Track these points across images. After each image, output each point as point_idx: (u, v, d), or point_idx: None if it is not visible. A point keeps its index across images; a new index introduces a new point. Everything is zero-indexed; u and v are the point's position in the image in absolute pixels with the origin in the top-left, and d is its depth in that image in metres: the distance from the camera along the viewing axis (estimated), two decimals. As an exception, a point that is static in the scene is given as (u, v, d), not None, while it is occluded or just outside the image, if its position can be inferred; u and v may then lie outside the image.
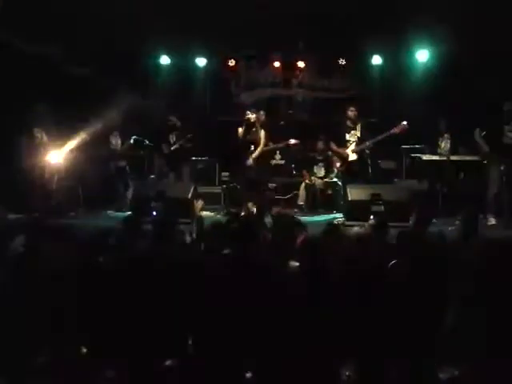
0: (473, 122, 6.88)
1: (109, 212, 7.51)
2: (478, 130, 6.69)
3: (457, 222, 4.28)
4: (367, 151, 7.00)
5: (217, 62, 9.82)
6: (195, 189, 6.91)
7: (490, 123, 6.67)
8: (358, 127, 7.09)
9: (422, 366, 2.84)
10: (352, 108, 7.16)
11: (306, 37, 9.16)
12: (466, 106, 7.83)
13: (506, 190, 6.51)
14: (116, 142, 8.05)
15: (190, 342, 2.99)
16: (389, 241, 3.94)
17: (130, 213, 6.37)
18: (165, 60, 9.75)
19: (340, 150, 7.20)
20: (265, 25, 8.20)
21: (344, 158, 7.15)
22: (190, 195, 6.66)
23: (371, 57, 9.54)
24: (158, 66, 9.75)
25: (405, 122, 6.78)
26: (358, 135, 7.05)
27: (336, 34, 8.50)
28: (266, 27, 8.29)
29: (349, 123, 7.15)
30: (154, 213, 6.45)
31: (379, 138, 6.88)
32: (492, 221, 6.42)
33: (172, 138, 8.15)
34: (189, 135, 7.99)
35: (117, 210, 7.51)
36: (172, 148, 8.04)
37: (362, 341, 2.83)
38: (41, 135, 7.21)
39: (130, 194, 7.67)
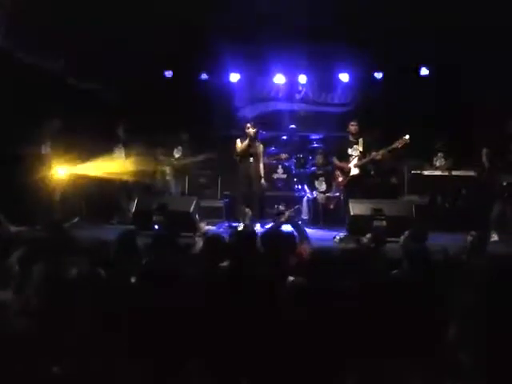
0: (475, 138, 6.92)
1: (111, 223, 7.52)
2: (484, 149, 6.72)
3: (469, 238, 4.29)
4: (370, 166, 7.03)
5: (220, 76, 9.87)
6: (197, 203, 6.92)
7: (494, 141, 6.71)
8: (360, 142, 7.13)
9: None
10: (353, 123, 7.21)
11: (307, 51, 9.23)
12: (467, 121, 7.86)
13: (509, 206, 6.51)
14: (120, 154, 8.05)
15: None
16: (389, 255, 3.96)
17: (130, 226, 6.39)
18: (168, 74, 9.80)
19: (342, 165, 7.22)
20: (268, 39, 8.28)
21: (346, 173, 7.17)
22: (191, 209, 6.66)
23: (373, 72, 9.59)
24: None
25: (407, 137, 6.83)
26: (361, 150, 7.09)
27: (338, 48, 8.57)
28: (270, 41, 8.37)
29: (351, 138, 7.20)
30: (156, 226, 6.46)
31: (381, 152, 6.92)
32: (495, 237, 6.41)
33: (178, 152, 8.21)
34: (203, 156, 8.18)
35: (118, 223, 7.51)
36: (178, 162, 8.15)
37: (363, 355, 2.82)
38: (45, 148, 7.24)
39: (132, 206, 7.68)
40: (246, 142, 7.13)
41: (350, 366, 2.85)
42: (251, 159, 7.16)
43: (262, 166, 7.30)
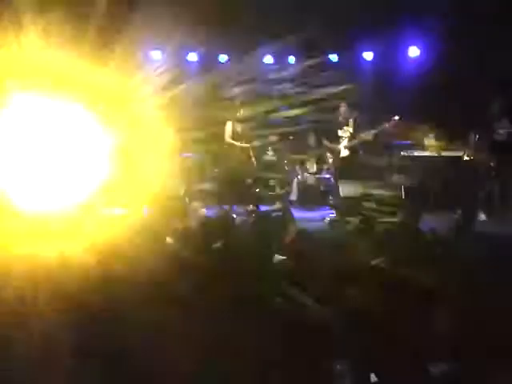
0: (462, 120, 6.93)
1: None
2: (472, 133, 6.74)
3: (455, 216, 4.32)
4: (360, 147, 7.03)
5: (208, 57, 9.76)
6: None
7: (481, 121, 6.72)
8: (350, 123, 7.11)
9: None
10: (343, 104, 7.18)
11: (297, 33, 9.14)
12: (455, 103, 7.85)
13: (496, 186, 6.56)
14: None
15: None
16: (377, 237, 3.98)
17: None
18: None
19: (332, 146, 7.22)
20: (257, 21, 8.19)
21: (336, 154, 7.17)
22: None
23: (363, 52, 9.54)
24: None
25: (396, 117, 6.83)
26: (351, 131, 7.08)
27: (328, 29, 8.49)
28: (258, 23, 8.28)
29: (340, 119, 7.17)
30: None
31: (371, 132, 6.92)
32: (482, 217, 6.48)
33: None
34: None
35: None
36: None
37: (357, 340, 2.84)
38: None
39: None
40: (237, 124, 7.11)
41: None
42: (242, 141, 7.15)
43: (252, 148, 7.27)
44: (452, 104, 7.86)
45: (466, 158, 6.95)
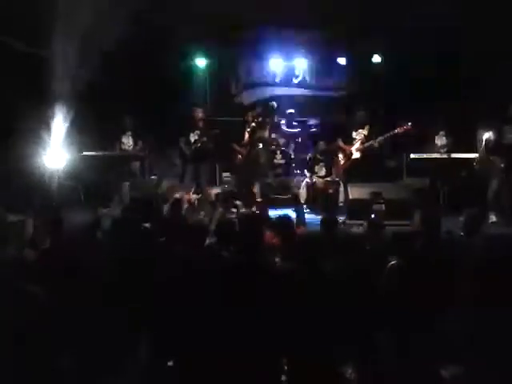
0: (472, 121, 6.90)
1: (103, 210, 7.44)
2: (481, 132, 6.71)
3: (461, 219, 4.29)
4: (375, 148, 7.02)
5: (216, 62, 9.80)
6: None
7: (491, 123, 6.70)
8: (367, 127, 7.14)
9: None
10: (362, 112, 7.20)
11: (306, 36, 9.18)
12: (467, 104, 7.83)
13: (506, 187, 6.52)
14: (128, 142, 7.88)
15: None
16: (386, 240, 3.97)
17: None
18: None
19: (345, 147, 7.25)
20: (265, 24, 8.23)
21: (348, 156, 7.19)
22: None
23: (371, 55, 9.53)
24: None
25: (409, 123, 6.85)
26: (365, 133, 7.11)
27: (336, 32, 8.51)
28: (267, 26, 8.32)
29: (356, 121, 7.22)
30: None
31: (384, 136, 6.94)
32: (493, 218, 6.44)
33: (194, 136, 7.78)
34: (216, 130, 7.71)
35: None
36: (194, 147, 7.71)
37: (360, 340, 2.85)
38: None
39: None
40: (249, 129, 7.21)
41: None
42: (260, 146, 7.22)
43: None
44: (462, 105, 7.85)
45: (476, 159, 6.92)
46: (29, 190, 6.82)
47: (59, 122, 7.24)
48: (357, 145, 7.11)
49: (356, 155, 7.11)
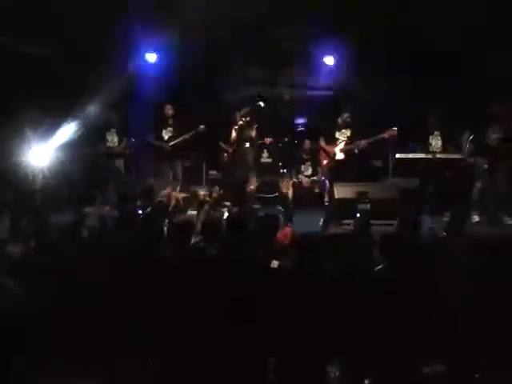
0: (459, 121, 6.96)
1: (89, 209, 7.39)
2: (466, 133, 6.77)
3: (444, 219, 4.33)
4: (355, 151, 7.03)
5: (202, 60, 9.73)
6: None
7: (475, 124, 6.77)
8: (350, 128, 7.13)
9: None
10: (347, 114, 7.17)
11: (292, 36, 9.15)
12: (453, 104, 7.88)
13: (490, 188, 6.59)
14: (112, 139, 7.84)
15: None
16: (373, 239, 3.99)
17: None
18: (151, 57, 9.62)
19: (328, 148, 7.24)
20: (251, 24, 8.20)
21: (332, 157, 7.19)
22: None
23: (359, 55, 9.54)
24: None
25: (395, 128, 6.86)
26: (348, 135, 7.10)
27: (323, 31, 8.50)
28: (253, 26, 8.29)
29: (340, 122, 7.18)
30: (140, 212, 6.38)
31: (368, 141, 6.94)
32: (476, 218, 6.51)
33: (167, 133, 7.84)
34: (201, 126, 7.71)
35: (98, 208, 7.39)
36: (172, 143, 7.75)
37: (352, 340, 2.86)
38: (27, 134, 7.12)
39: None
40: (236, 127, 7.16)
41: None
42: (247, 145, 7.17)
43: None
44: (450, 106, 7.90)
45: (461, 160, 6.99)
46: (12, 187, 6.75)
47: (44, 119, 7.19)
48: (340, 145, 7.11)
49: (339, 156, 7.12)
